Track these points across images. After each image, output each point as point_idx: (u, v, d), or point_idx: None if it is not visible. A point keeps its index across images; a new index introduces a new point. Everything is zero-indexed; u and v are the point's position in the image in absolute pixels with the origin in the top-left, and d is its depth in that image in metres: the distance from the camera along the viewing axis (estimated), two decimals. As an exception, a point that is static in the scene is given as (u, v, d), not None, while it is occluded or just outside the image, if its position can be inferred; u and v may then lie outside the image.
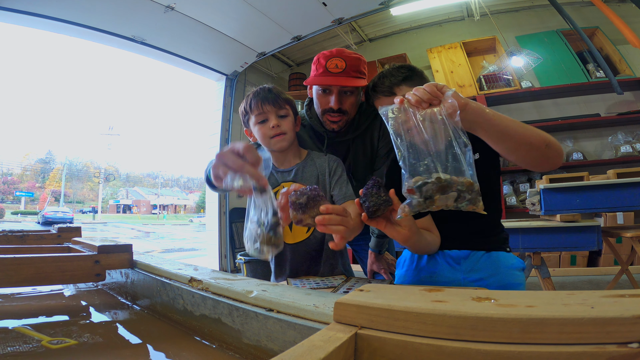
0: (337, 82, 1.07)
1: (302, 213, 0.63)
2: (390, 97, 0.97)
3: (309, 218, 0.63)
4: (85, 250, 0.88)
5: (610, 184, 1.99)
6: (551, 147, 0.71)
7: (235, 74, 4.12)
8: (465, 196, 0.59)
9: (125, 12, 2.83)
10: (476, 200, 0.59)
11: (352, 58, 1.08)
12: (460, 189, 0.58)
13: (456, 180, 0.58)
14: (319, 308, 0.46)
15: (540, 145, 0.70)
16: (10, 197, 44.72)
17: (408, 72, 0.98)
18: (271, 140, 1.05)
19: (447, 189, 0.58)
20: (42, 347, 0.54)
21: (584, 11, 3.60)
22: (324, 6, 3.07)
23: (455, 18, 4.26)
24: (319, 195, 0.64)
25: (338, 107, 1.09)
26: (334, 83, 1.07)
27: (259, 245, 0.65)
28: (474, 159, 0.78)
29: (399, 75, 0.98)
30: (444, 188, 0.58)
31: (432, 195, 0.59)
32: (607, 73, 3.13)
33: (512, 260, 0.96)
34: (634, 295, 0.29)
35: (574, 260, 3.16)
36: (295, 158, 1.13)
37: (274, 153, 1.12)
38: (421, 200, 0.59)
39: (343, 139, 1.19)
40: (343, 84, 1.07)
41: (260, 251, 0.65)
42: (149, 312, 0.74)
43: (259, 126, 1.05)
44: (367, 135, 1.20)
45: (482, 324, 0.28)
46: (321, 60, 1.10)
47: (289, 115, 1.07)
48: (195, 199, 55.23)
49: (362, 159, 1.22)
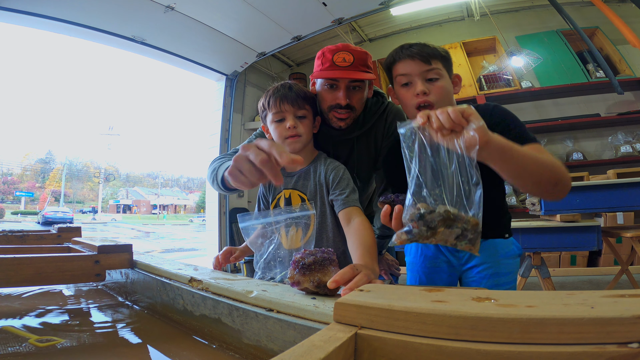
0: (346, 75, 1.03)
1: (301, 275, 0.56)
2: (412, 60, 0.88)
3: (308, 282, 0.56)
4: (85, 250, 0.88)
5: (610, 184, 1.99)
6: (559, 185, 0.72)
7: (235, 74, 4.12)
8: (467, 235, 0.56)
9: (125, 12, 2.83)
10: (475, 242, 0.57)
11: (359, 52, 1.06)
12: (465, 227, 0.56)
13: (463, 217, 0.56)
14: (319, 308, 0.46)
15: (548, 185, 0.71)
16: (10, 197, 44.71)
17: (445, 53, 0.92)
18: (285, 141, 1.02)
19: (453, 224, 0.55)
20: (31, 346, 0.54)
21: (584, 11, 3.60)
22: (324, 6, 3.07)
23: (455, 18, 4.26)
24: (328, 260, 0.58)
25: (347, 102, 1.05)
26: (343, 76, 1.04)
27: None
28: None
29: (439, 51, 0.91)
30: (449, 222, 0.55)
31: (435, 227, 0.56)
32: (607, 73, 3.13)
33: (508, 248, 0.99)
34: (634, 295, 0.29)
35: (574, 260, 3.16)
36: (304, 162, 1.08)
37: None
38: (423, 230, 0.56)
39: (348, 137, 1.17)
40: (353, 76, 1.04)
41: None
42: (149, 312, 0.74)
43: (275, 125, 1.03)
44: (372, 134, 1.18)
45: (482, 324, 0.28)
46: (327, 55, 1.07)
47: (307, 116, 1.04)
48: (195, 199, 55.20)
49: (366, 158, 1.20)
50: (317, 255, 0.57)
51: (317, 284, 0.55)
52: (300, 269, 0.56)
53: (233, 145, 4.24)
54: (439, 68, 0.89)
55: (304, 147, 1.05)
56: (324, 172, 1.06)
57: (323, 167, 1.07)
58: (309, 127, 1.05)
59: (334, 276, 0.55)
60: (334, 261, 0.58)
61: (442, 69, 0.89)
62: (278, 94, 1.02)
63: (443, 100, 0.87)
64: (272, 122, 1.04)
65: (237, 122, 4.32)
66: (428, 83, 0.88)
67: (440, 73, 0.88)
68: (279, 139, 1.03)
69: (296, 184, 1.07)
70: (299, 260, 0.57)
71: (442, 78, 0.89)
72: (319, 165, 1.08)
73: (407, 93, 0.90)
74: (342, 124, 1.09)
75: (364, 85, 1.09)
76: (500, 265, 0.96)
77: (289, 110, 1.01)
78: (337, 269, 0.58)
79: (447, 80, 0.90)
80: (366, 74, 1.05)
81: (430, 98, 0.87)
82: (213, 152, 4.14)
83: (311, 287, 0.55)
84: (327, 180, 1.04)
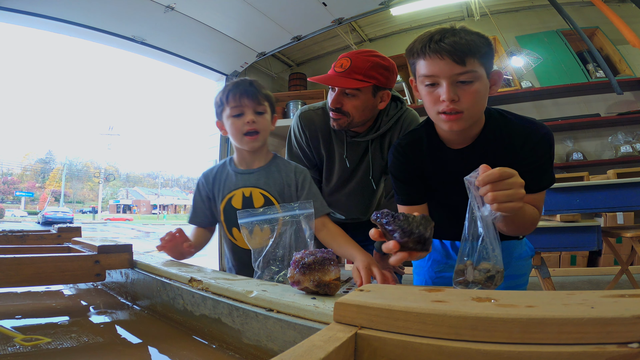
0: (330, 81, 1.04)
1: (301, 274, 0.56)
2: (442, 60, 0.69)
3: (308, 281, 0.55)
4: (85, 250, 0.88)
5: (610, 184, 1.99)
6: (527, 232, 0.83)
7: (235, 74, 4.12)
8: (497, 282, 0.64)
9: (125, 12, 2.83)
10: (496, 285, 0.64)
11: (360, 58, 1.03)
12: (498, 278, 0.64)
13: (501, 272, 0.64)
14: (319, 308, 0.46)
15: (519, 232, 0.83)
16: (10, 197, 44.70)
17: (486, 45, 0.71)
18: (244, 138, 1.00)
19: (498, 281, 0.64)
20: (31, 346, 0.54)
21: (584, 11, 3.60)
22: (324, 6, 3.07)
23: (455, 18, 4.26)
24: (328, 259, 0.57)
25: (335, 106, 1.07)
26: (327, 82, 1.05)
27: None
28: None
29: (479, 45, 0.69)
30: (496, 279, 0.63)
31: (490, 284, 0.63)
32: (607, 73, 3.13)
33: (521, 249, 0.98)
34: (634, 295, 0.29)
35: (574, 260, 3.16)
36: (260, 160, 1.06)
37: (238, 150, 1.06)
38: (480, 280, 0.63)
39: (362, 139, 1.18)
40: (335, 84, 1.03)
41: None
42: (149, 312, 0.74)
43: (232, 120, 1.00)
44: (386, 139, 1.19)
45: (482, 324, 0.28)
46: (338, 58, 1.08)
47: (266, 112, 1.02)
48: (195, 199, 55.05)
49: (379, 161, 1.22)
50: (317, 255, 0.57)
51: (317, 283, 0.55)
52: (300, 268, 0.56)
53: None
54: (475, 69, 0.69)
55: (263, 145, 1.04)
56: (292, 173, 1.06)
57: (287, 166, 1.08)
58: (267, 124, 1.03)
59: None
60: (334, 261, 0.59)
61: (480, 68, 0.70)
62: (238, 89, 1.00)
63: (475, 107, 0.72)
64: (229, 117, 1.01)
65: (237, 122, 4.31)
66: (458, 87, 0.70)
67: (476, 75, 0.70)
68: (236, 135, 1.01)
69: (257, 182, 1.04)
70: (299, 260, 0.57)
71: (478, 80, 0.71)
72: (281, 164, 1.08)
73: (431, 95, 0.73)
74: (334, 124, 1.12)
75: (361, 93, 1.06)
76: (513, 267, 0.94)
77: (249, 105, 0.99)
78: (337, 269, 0.58)
79: (484, 81, 0.72)
80: (354, 82, 1.02)
81: (459, 106, 0.71)
82: (213, 152, 4.14)
83: (311, 286, 0.55)
84: (297, 181, 1.05)
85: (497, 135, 0.81)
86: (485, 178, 0.58)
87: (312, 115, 1.23)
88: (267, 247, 0.87)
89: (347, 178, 1.26)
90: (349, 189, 1.28)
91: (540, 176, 0.80)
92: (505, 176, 0.58)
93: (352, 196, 1.30)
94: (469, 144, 0.82)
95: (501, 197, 0.57)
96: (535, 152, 0.79)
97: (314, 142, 1.24)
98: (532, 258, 1.01)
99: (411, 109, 1.18)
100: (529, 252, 1.00)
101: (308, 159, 1.27)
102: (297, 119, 1.25)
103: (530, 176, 0.80)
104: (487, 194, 0.58)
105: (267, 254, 0.87)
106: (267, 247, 0.87)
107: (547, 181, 0.81)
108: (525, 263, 0.98)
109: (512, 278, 0.93)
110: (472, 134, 0.81)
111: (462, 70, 0.69)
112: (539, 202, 0.81)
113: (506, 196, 0.57)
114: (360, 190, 1.28)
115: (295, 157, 1.28)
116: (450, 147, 0.84)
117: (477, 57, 0.69)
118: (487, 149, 0.82)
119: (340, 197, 1.32)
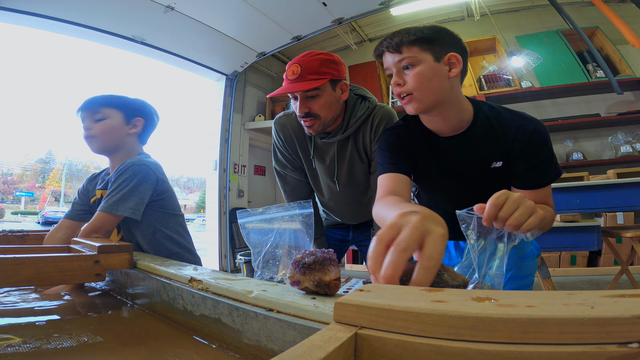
0: (290, 90, 1.04)
1: (301, 274, 0.56)
2: (388, 52, 0.83)
3: (308, 281, 0.55)
4: (85, 250, 0.88)
5: (610, 184, 1.99)
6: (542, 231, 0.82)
7: (236, 74, 4.12)
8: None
9: (125, 12, 2.83)
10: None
11: (307, 60, 1.05)
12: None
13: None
14: (319, 308, 0.46)
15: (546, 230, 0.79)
16: (10, 197, 44.71)
17: (428, 33, 0.80)
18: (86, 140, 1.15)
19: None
20: (30, 346, 0.54)
21: (584, 11, 3.60)
22: (324, 6, 3.07)
23: (455, 18, 4.26)
24: (328, 259, 0.57)
25: (303, 112, 1.08)
26: (287, 91, 1.05)
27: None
28: (497, 166, 0.84)
29: (414, 34, 0.80)
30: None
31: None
32: (607, 73, 3.13)
33: (528, 249, 0.98)
34: (634, 295, 0.29)
35: (574, 260, 3.16)
36: (116, 164, 1.19)
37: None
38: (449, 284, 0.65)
39: (330, 140, 1.19)
40: (296, 90, 1.04)
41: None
42: (149, 312, 0.74)
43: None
44: (359, 138, 1.18)
45: (482, 324, 0.28)
46: (286, 69, 1.09)
47: (105, 119, 1.14)
48: (195, 199, 55.18)
49: (347, 162, 1.21)
50: (317, 255, 0.57)
51: (317, 283, 0.55)
52: (300, 268, 0.56)
53: (233, 145, 4.25)
54: (413, 55, 0.79)
55: (102, 149, 1.16)
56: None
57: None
58: (106, 128, 1.14)
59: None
60: (334, 261, 0.58)
61: (420, 53, 0.79)
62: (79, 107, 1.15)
63: (424, 87, 0.79)
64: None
65: (237, 122, 4.32)
66: (404, 72, 0.81)
67: (415, 59, 0.79)
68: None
69: (105, 186, 1.19)
70: (299, 260, 0.57)
71: (420, 63, 0.79)
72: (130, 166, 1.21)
73: (392, 85, 0.85)
74: (311, 131, 1.12)
75: (322, 91, 1.07)
76: (520, 267, 0.94)
77: (85, 116, 1.14)
78: (337, 269, 0.58)
79: (429, 64, 0.79)
80: (313, 82, 1.03)
81: (405, 88, 0.80)
82: (213, 152, 4.14)
83: (311, 286, 0.55)
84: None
85: (487, 127, 0.83)
86: (489, 216, 0.55)
87: (285, 121, 1.25)
88: (266, 246, 0.87)
89: (331, 182, 1.27)
90: (337, 193, 1.29)
91: (544, 172, 0.81)
92: (501, 203, 0.55)
93: (340, 202, 1.33)
94: (457, 133, 0.85)
95: (518, 219, 0.55)
96: (531, 150, 0.80)
97: (290, 146, 1.26)
98: (537, 257, 1.01)
99: (383, 105, 1.18)
100: (535, 251, 1.00)
101: (291, 163, 1.30)
102: (273, 125, 1.29)
103: (533, 173, 0.81)
104: (505, 226, 0.56)
105: (266, 254, 0.87)
106: (267, 246, 0.87)
107: (552, 175, 0.82)
108: (532, 263, 0.98)
109: (521, 278, 0.93)
110: (454, 122, 0.84)
111: (400, 57, 0.80)
112: (547, 198, 0.82)
113: (521, 215, 0.55)
114: (349, 195, 1.29)
115: (280, 162, 1.32)
116: (440, 135, 0.87)
117: (417, 44, 0.80)
118: (476, 140, 0.83)
119: (329, 203, 1.35)
